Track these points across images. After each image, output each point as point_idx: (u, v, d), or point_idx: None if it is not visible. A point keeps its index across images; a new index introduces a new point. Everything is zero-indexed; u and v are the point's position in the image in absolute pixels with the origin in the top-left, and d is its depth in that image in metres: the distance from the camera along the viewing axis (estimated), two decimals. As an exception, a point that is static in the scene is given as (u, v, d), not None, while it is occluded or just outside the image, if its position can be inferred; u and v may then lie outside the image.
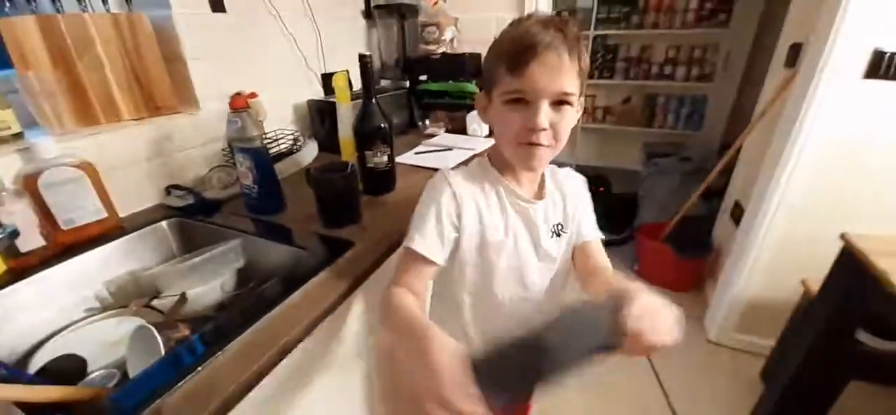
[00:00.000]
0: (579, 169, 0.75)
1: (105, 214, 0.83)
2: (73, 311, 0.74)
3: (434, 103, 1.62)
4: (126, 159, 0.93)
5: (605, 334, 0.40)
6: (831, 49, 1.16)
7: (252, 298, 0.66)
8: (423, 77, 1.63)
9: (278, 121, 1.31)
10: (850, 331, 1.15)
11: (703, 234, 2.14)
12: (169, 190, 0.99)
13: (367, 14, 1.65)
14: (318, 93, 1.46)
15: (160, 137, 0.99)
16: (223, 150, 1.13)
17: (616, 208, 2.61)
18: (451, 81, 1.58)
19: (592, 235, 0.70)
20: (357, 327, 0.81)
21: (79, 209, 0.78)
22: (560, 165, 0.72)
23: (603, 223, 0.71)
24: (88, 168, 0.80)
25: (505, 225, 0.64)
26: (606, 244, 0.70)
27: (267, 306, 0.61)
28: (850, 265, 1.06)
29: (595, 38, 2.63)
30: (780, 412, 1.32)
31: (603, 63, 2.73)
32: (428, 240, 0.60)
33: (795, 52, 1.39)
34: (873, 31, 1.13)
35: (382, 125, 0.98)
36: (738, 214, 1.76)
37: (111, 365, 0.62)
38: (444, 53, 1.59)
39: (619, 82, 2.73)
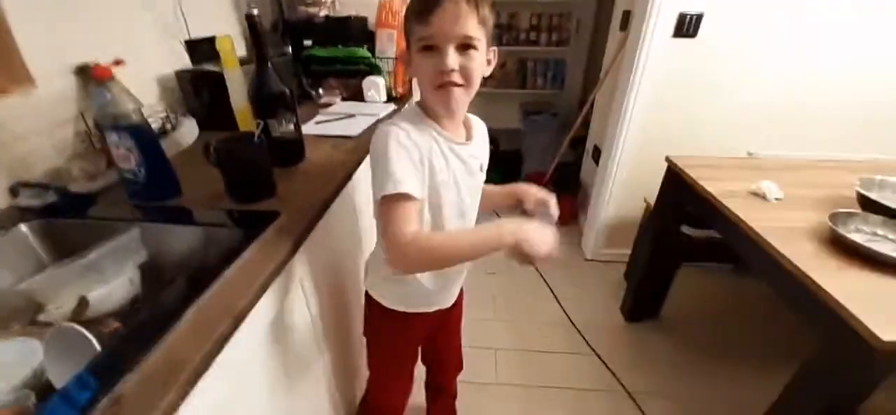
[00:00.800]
0: None
1: (-68, 227, 0.65)
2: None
3: (324, 71, 1.57)
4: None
5: None
6: (651, 14, 1.48)
7: (175, 284, 0.61)
8: (308, 43, 1.56)
9: (141, 97, 1.11)
10: (676, 227, 1.54)
11: (574, 176, 2.54)
12: (15, 189, 0.81)
13: (234, -28, 1.49)
14: (183, 61, 1.28)
15: (-11, 126, 0.79)
16: (78, 134, 0.95)
17: (505, 163, 2.90)
18: (339, 47, 1.54)
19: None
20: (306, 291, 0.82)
21: None
22: None
23: (496, 178, 0.84)
24: None
25: (446, 165, 0.71)
26: None
27: (200, 287, 0.58)
28: (673, 179, 1.42)
29: (468, 5, 2.80)
30: (636, 298, 1.72)
31: (478, 30, 2.93)
32: (409, 179, 0.63)
33: (627, 18, 1.72)
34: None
35: (284, 90, 0.94)
36: (596, 155, 2.14)
37: (15, 389, 0.52)
38: (327, 16, 1.54)
39: (494, 48, 2.97)
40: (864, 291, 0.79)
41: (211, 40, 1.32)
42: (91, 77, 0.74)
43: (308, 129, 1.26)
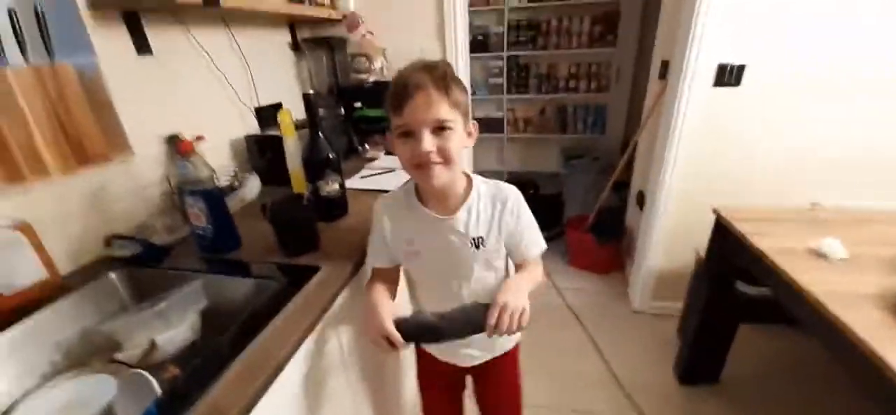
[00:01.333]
0: (510, 175, 0.89)
1: (46, 275, 0.79)
2: (26, 379, 0.70)
3: (371, 129, 1.71)
4: (61, 215, 0.89)
5: (477, 324, 0.69)
6: (689, 65, 1.47)
7: (229, 332, 0.69)
8: (358, 104, 1.71)
9: (214, 158, 1.27)
10: (730, 283, 1.44)
11: (618, 221, 2.46)
12: (110, 241, 0.96)
13: (295, 46, 1.69)
14: (252, 126, 1.46)
15: (95, 188, 0.96)
16: (162, 194, 1.11)
17: (545, 208, 2.88)
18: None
19: (528, 255, 0.81)
20: (341, 342, 0.88)
21: (17, 273, 0.74)
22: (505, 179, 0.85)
23: (536, 221, 0.83)
24: (25, 228, 0.76)
25: (422, 237, 0.78)
26: None
27: (252, 333, 0.65)
28: (722, 232, 1.35)
29: (508, 58, 2.93)
30: (692, 359, 1.59)
31: (518, 80, 3.03)
32: (373, 255, 0.84)
33: (665, 66, 1.72)
34: (717, 50, 1.46)
35: (331, 155, 1.04)
36: (641, 200, 2.08)
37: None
38: (376, 81, 1.69)
39: (533, 96, 3.06)
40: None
41: (277, 107, 1.51)
42: (176, 151, 0.87)
43: (353, 183, 1.37)
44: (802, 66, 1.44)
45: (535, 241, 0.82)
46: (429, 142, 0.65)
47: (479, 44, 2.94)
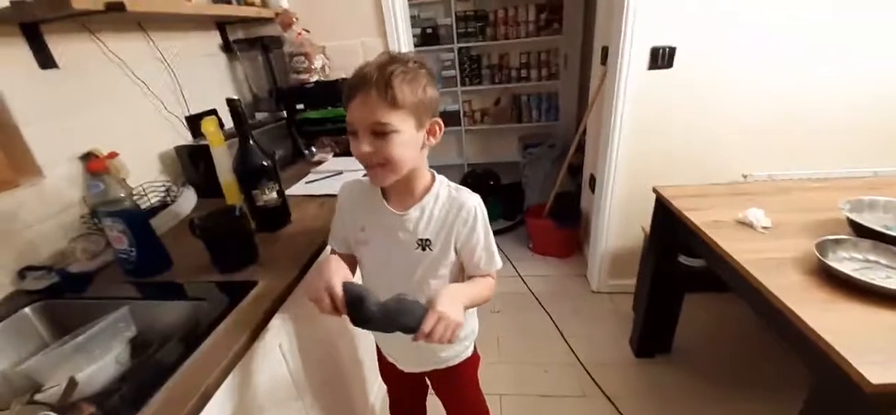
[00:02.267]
0: (470, 167, 0.88)
1: (-58, 320, 0.71)
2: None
3: (317, 131, 1.66)
4: (-41, 252, 0.80)
5: (411, 322, 0.65)
6: (625, 49, 1.52)
7: (154, 361, 0.65)
8: (301, 106, 1.65)
9: (144, 173, 1.21)
10: (673, 256, 1.52)
11: (574, 205, 2.53)
12: (22, 273, 0.88)
13: (226, 47, 1.61)
14: (184, 136, 1.38)
15: (1, 217, 0.87)
16: (82, 217, 1.03)
17: (507, 197, 2.92)
18: (329, 108, 1.63)
19: (480, 270, 0.78)
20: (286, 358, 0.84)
21: None
22: (470, 179, 0.84)
23: (498, 211, 0.84)
24: None
25: (372, 227, 0.79)
26: (503, 231, 0.84)
27: (175, 365, 0.61)
28: (662, 209, 1.41)
29: (459, 50, 2.93)
30: (643, 333, 1.67)
31: (470, 71, 3.05)
32: (332, 238, 0.86)
33: (605, 52, 1.77)
34: (650, 34, 1.52)
35: (265, 163, 1.00)
36: (592, 183, 2.14)
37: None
38: (317, 81, 1.63)
39: (487, 87, 3.08)
40: (854, 327, 0.76)
41: (210, 113, 1.43)
42: (86, 170, 0.81)
43: (298, 189, 1.32)
44: (727, 45, 1.52)
45: (489, 257, 0.79)
46: (366, 144, 0.64)
47: (429, 36, 2.92)
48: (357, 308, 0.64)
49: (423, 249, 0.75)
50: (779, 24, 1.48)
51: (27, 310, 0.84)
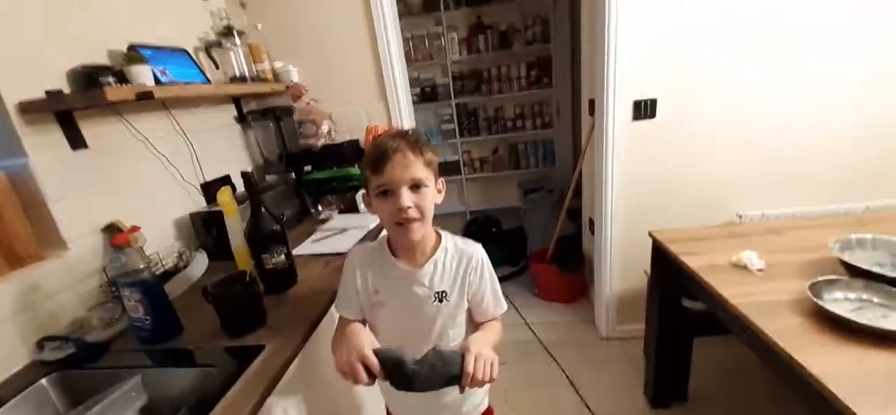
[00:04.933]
0: (472, 215, 0.93)
1: (-34, 394, 0.74)
2: None
3: (323, 190, 1.74)
4: (-12, 324, 0.85)
5: (454, 370, 0.66)
6: (609, 102, 1.62)
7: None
8: (308, 167, 1.74)
9: (159, 239, 1.27)
10: (676, 300, 1.52)
11: (577, 249, 2.55)
12: (41, 344, 0.91)
13: (241, 119, 1.73)
14: (198, 202, 1.46)
15: (26, 290, 0.92)
16: (101, 286, 1.08)
17: (509, 243, 2.95)
18: (335, 168, 1.72)
19: (488, 314, 0.84)
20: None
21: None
22: (472, 226, 0.88)
23: (501, 257, 0.88)
24: (-60, 348, 0.72)
25: (387, 288, 0.81)
26: (507, 278, 0.88)
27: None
28: (660, 253, 1.43)
29: (456, 105, 3.09)
30: (658, 379, 1.63)
31: (468, 124, 3.19)
32: (340, 304, 0.86)
33: (592, 104, 1.87)
34: (631, 88, 1.62)
35: (275, 228, 1.06)
36: (592, 227, 2.18)
37: None
38: (324, 145, 1.73)
39: (485, 138, 3.21)
40: (853, 370, 0.77)
41: (224, 180, 1.52)
42: (111, 244, 0.87)
43: (305, 248, 1.37)
44: (705, 93, 1.61)
45: (496, 301, 0.85)
46: (407, 198, 0.72)
47: (427, 95, 3.09)
48: (399, 370, 0.66)
49: (441, 301, 0.81)
50: (756, 71, 1.57)
51: (44, 381, 0.87)
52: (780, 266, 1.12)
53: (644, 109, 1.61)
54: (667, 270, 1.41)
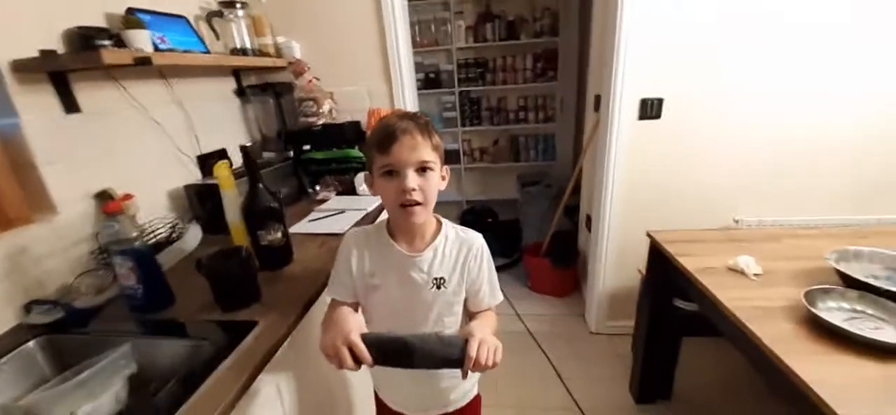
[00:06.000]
0: (469, 204, 0.91)
1: (-49, 353, 0.73)
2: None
3: (321, 170, 1.71)
4: (-29, 286, 0.83)
5: (455, 353, 0.66)
6: (616, 99, 1.61)
7: (153, 402, 0.66)
8: (307, 147, 1.71)
9: (152, 209, 1.25)
10: (669, 300, 1.53)
11: (571, 245, 2.56)
12: (29, 307, 0.90)
13: (240, 93, 1.69)
14: (194, 174, 1.43)
15: (13, 252, 0.90)
16: (91, 252, 1.06)
17: (504, 234, 2.96)
18: (334, 149, 1.69)
19: (485, 304, 0.84)
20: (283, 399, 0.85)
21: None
22: (468, 215, 0.87)
23: (496, 248, 0.86)
24: (-75, 306, 0.70)
25: (381, 271, 0.80)
26: (500, 269, 0.87)
27: (174, 406, 0.63)
28: (656, 253, 1.44)
29: (460, 93, 3.06)
30: (644, 376, 1.65)
31: (471, 113, 3.17)
32: (333, 286, 0.84)
33: (598, 100, 1.85)
34: (639, 86, 1.61)
35: (272, 205, 1.04)
36: (589, 224, 2.18)
37: None
38: (325, 124, 1.71)
39: (486, 128, 3.19)
40: (843, 379, 0.77)
41: (221, 153, 1.49)
42: (103, 211, 0.84)
43: (301, 227, 1.36)
44: (713, 96, 1.61)
45: (492, 291, 0.85)
46: (412, 180, 0.71)
47: (431, 81, 3.06)
48: (397, 345, 0.66)
49: (439, 288, 0.80)
50: (763, 76, 1.56)
51: (31, 344, 0.85)
52: (776, 273, 1.13)
53: (650, 108, 1.61)
54: (662, 269, 1.42)
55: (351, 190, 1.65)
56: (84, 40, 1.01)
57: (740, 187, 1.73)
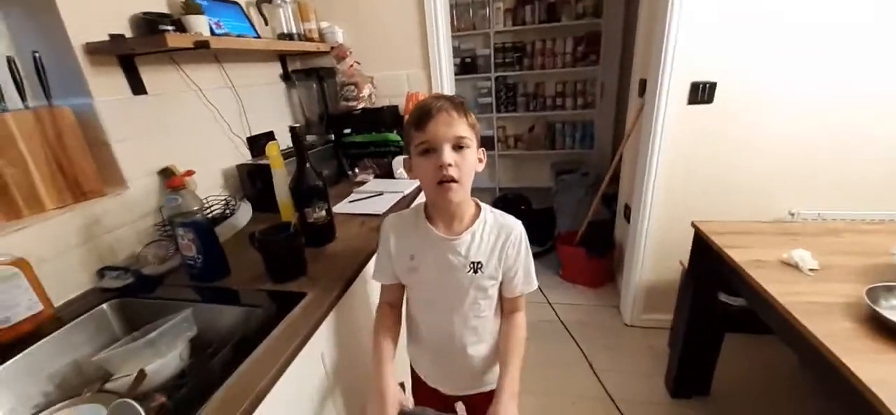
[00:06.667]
0: (502, 191, 0.92)
1: (40, 308, 0.82)
2: (20, 411, 0.72)
3: (360, 153, 1.76)
4: (57, 249, 0.93)
5: None
6: (664, 83, 1.54)
7: (214, 361, 0.72)
8: (347, 130, 1.76)
9: (208, 187, 1.33)
10: (713, 294, 1.47)
11: (607, 235, 2.50)
12: (102, 272, 0.99)
13: (286, 77, 1.76)
14: (244, 155, 1.51)
15: (89, 222, 0.99)
16: (155, 225, 1.15)
17: (537, 222, 2.92)
18: (373, 132, 1.73)
19: (519, 290, 0.85)
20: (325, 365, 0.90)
21: (14, 307, 0.78)
22: (500, 203, 0.89)
23: (529, 236, 0.85)
24: (22, 264, 0.79)
25: (421, 254, 0.82)
26: (533, 256, 0.87)
27: (237, 361, 0.68)
28: (701, 244, 1.38)
29: (496, 78, 3.02)
30: (682, 371, 1.61)
31: (506, 99, 3.12)
32: (378, 271, 0.89)
33: (643, 85, 1.78)
34: (690, 69, 1.53)
35: (318, 184, 1.09)
36: (628, 213, 2.12)
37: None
38: (364, 108, 1.74)
39: (522, 114, 3.14)
40: (905, 379, 0.73)
41: (268, 135, 1.56)
42: (166, 186, 0.91)
43: (342, 207, 1.41)
44: (772, 79, 1.50)
45: (527, 278, 0.85)
46: (449, 155, 0.72)
47: (467, 66, 3.03)
48: None
49: (475, 272, 0.81)
50: (828, 57, 1.45)
51: (104, 306, 0.94)
52: (835, 268, 1.06)
53: (702, 92, 1.52)
54: (706, 262, 1.37)
55: (388, 173, 1.69)
56: (149, 25, 1.09)
57: (798, 178, 1.62)
